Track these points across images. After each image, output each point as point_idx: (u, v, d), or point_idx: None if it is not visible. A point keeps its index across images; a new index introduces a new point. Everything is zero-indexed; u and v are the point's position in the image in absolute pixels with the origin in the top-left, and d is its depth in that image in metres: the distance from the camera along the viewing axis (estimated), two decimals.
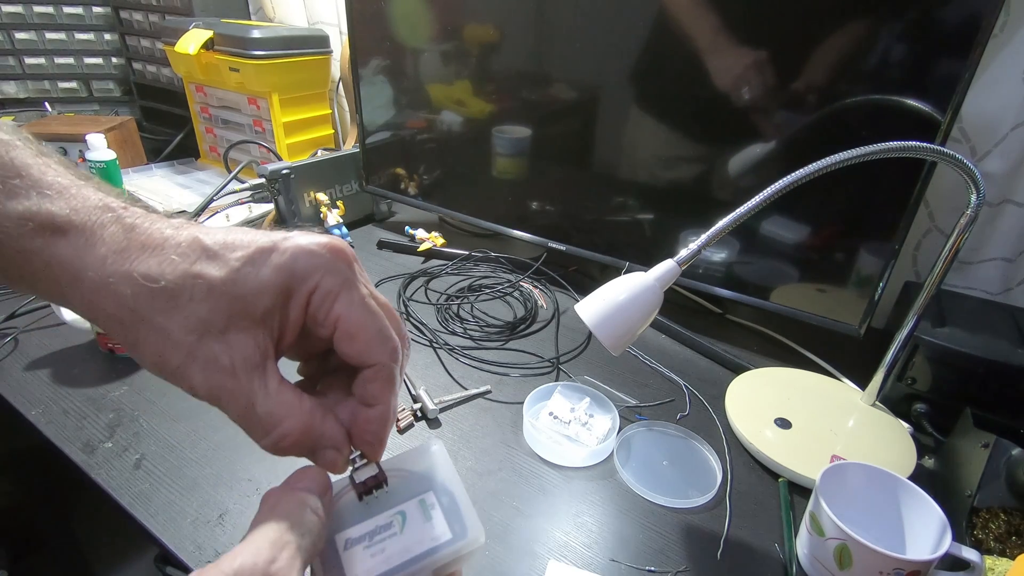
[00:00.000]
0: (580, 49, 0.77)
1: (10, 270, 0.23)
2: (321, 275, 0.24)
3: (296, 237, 0.24)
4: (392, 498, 0.28)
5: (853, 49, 0.60)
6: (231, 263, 0.23)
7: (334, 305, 0.24)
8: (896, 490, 0.50)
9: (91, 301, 0.23)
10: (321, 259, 0.24)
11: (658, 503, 0.55)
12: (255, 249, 0.24)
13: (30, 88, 1.36)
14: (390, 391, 0.26)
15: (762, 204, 0.47)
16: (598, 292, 0.49)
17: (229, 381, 0.23)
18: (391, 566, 0.25)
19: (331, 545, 0.26)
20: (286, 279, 0.24)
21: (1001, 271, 0.79)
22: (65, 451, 0.56)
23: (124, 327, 0.23)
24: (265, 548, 0.21)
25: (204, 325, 0.23)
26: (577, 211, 0.87)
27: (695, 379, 0.73)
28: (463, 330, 0.79)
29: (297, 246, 0.24)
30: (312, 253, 0.24)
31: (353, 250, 0.26)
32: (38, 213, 0.22)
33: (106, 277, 0.22)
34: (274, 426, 0.24)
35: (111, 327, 0.23)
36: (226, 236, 0.24)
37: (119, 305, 0.22)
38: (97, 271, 0.22)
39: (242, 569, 0.20)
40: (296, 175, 0.95)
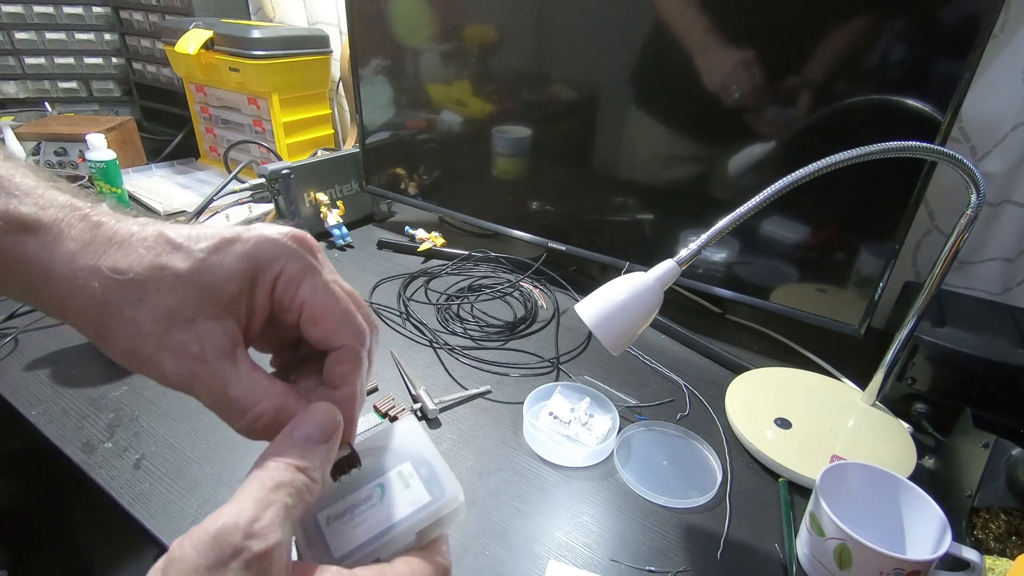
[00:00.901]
0: (580, 49, 0.77)
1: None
2: (284, 261, 0.25)
3: (259, 227, 0.25)
4: (370, 474, 0.28)
5: (853, 49, 0.60)
6: (196, 254, 0.24)
7: (298, 289, 0.25)
8: (896, 490, 0.50)
9: (60, 297, 0.23)
10: (284, 246, 0.25)
11: (658, 503, 0.55)
12: (219, 239, 0.24)
13: (30, 88, 1.36)
14: (356, 372, 0.26)
15: (762, 204, 0.47)
16: (598, 292, 0.49)
17: (200, 368, 0.23)
18: (373, 533, 0.26)
19: (312, 523, 0.26)
20: (251, 266, 0.24)
21: (1001, 271, 0.79)
22: (65, 451, 0.56)
23: (93, 320, 0.23)
24: (248, 507, 0.21)
25: (172, 314, 0.23)
26: (577, 211, 0.87)
27: (695, 379, 0.73)
28: (463, 330, 0.79)
29: (260, 235, 0.25)
30: (274, 241, 0.25)
31: (316, 241, 0.27)
32: (6, 212, 0.23)
33: (75, 271, 0.23)
34: (248, 408, 0.24)
35: (80, 321, 0.24)
36: (191, 230, 0.25)
37: (88, 299, 0.23)
38: (66, 266, 0.23)
39: (224, 528, 0.20)
40: (296, 175, 0.95)
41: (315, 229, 1.01)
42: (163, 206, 1.08)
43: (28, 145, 1.14)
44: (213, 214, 0.95)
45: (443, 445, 0.60)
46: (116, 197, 1.03)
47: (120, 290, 0.23)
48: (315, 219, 1.01)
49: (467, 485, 0.55)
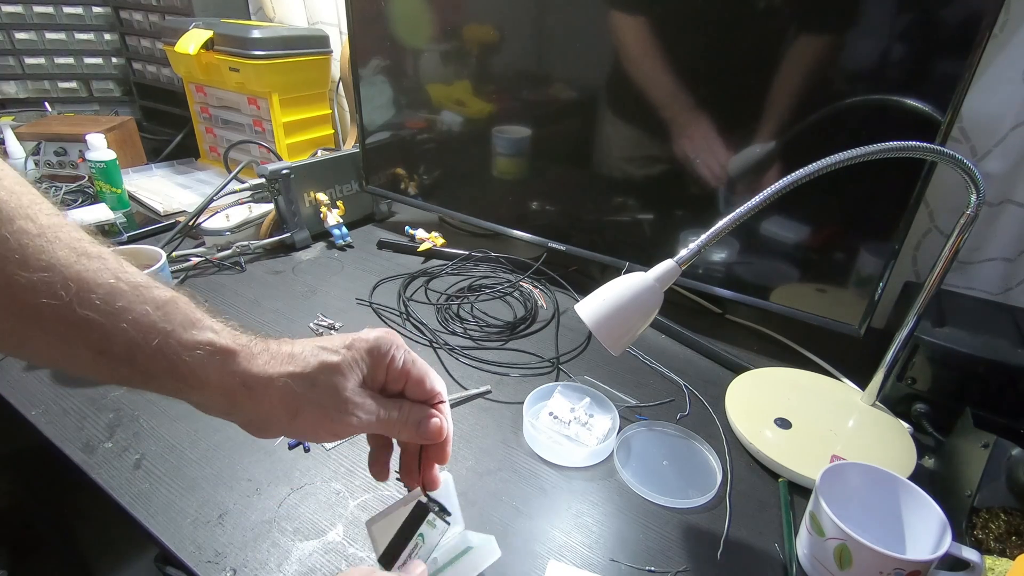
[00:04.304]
0: (580, 49, 0.77)
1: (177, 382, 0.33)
2: (393, 348, 0.39)
3: (364, 332, 0.39)
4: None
5: (853, 49, 0.60)
6: (340, 351, 0.37)
7: (403, 364, 0.39)
8: (896, 490, 0.50)
9: (259, 397, 0.35)
10: (391, 338, 0.39)
11: (658, 503, 0.54)
12: (352, 339, 0.38)
13: (30, 88, 1.36)
14: (446, 412, 0.41)
15: (762, 204, 0.47)
16: (598, 292, 0.49)
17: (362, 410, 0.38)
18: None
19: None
20: (375, 350, 0.38)
21: (1001, 271, 0.79)
22: (65, 451, 0.55)
23: (287, 409, 0.35)
24: None
25: (339, 389, 0.37)
26: (577, 211, 0.87)
27: (695, 379, 0.73)
28: (463, 330, 0.79)
29: (377, 334, 0.39)
30: (384, 336, 0.39)
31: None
32: (214, 342, 0.34)
33: (269, 378, 0.35)
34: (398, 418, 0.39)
35: (274, 411, 0.35)
36: (325, 341, 0.38)
37: (284, 394, 0.35)
38: (262, 373, 0.35)
39: None
40: (296, 175, 0.95)
41: (315, 229, 1.01)
42: (163, 206, 1.08)
43: (28, 145, 1.14)
44: (213, 214, 0.95)
45: None
46: (116, 197, 1.03)
47: (303, 382, 0.35)
48: (315, 219, 1.01)
49: (467, 485, 0.55)
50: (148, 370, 0.33)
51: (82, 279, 0.31)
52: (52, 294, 0.30)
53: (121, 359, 0.32)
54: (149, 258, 0.69)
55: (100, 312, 0.31)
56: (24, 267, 0.29)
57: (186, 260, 0.88)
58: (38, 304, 0.30)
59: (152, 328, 0.32)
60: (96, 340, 0.31)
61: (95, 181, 1.02)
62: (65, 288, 0.30)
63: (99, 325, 0.31)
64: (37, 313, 0.30)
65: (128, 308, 0.32)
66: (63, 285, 0.30)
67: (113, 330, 0.31)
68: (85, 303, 0.31)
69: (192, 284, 0.86)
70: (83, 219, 0.96)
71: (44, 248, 0.30)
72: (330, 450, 0.58)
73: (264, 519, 0.50)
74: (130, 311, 0.32)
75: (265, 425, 0.36)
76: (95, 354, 0.32)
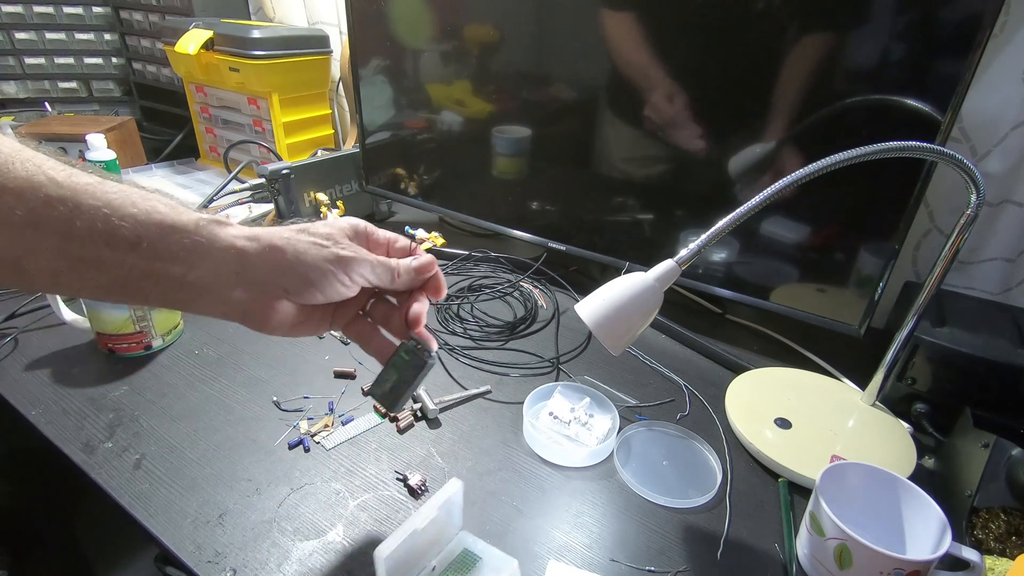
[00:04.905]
0: (580, 49, 0.77)
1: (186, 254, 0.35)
2: (366, 223, 0.45)
3: (334, 220, 0.43)
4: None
5: (853, 49, 0.60)
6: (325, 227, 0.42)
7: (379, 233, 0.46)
8: (896, 490, 0.50)
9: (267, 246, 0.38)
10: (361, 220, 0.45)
11: (658, 503, 0.55)
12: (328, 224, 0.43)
13: (30, 88, 1.36)
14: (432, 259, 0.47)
15: (762, 204, 0.47)
16: (598, 292, 0.49)
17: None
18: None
19: None
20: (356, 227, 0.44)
21: (1001, 271, 0.79)
22: (65, 451, 0.55)
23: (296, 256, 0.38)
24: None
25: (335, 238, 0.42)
26: (577, 211, 0.87)
27: (695, 379, 0.73)
28: (463, 330, 0.79)
29: (347, 219, 0.44)
30: (354, 219, 0.44)
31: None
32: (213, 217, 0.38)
33: (272, 230, 0.39)
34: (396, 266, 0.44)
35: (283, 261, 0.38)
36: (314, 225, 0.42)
37: (288, 241, 0.39)
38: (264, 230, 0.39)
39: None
40: (296, 175, 0.95)
41: None
42: None
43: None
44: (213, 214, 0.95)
45: (443, 445, 0.60)
46: None
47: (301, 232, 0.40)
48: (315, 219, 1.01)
49: (467, 485, 0.55)
50: (157, 251, 0.34)
51: (76, 177, 0.33)
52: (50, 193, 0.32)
53: (128, 245, 0.34)
54: None
55: (100, 200, 0.33)
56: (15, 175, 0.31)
57: None
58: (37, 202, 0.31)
59: (155, 211, 0.34)
60: (102, 229, 0.33)
61: None
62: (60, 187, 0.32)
63: (103, 214, 0.33)
64: (37, 216, 0.32)
65: (122, 196, 0.34)
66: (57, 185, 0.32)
67: (122, 214, 0.33)
68: (84, 193, 0.33)
69: None
70: None
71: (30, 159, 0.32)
72: (330, 450, 0.58)
73: (264, 519, 0.50)
74: (127, 197, 0.34)
75: (274, 284, 0.38)
76: (102, 245, 0.33)
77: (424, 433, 0.61)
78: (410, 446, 0.59)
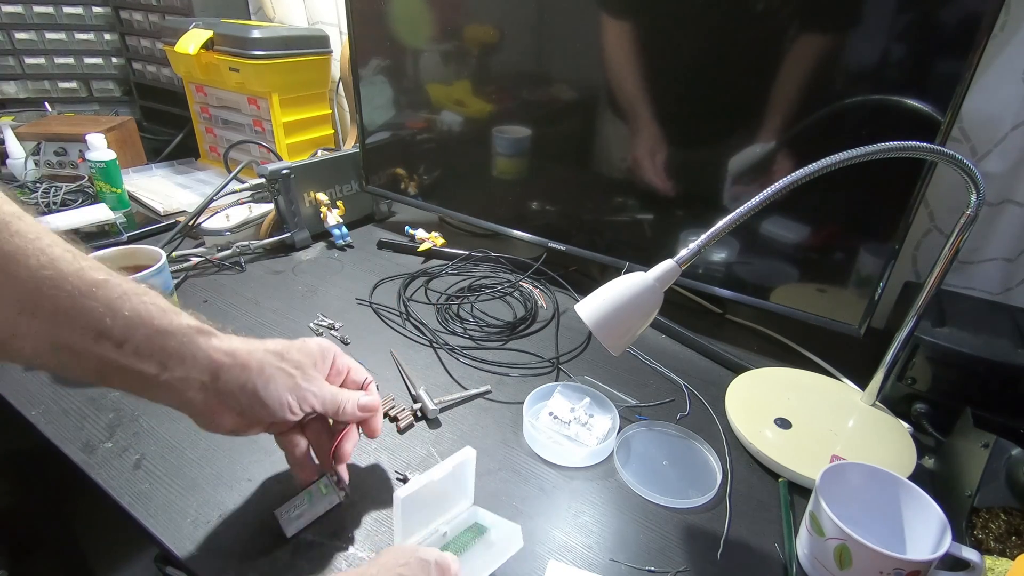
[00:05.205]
0: (580, 49, 0.77)
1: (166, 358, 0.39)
2: (334, 348, 0.49)
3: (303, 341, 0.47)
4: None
5: (853, 49, 0.60)
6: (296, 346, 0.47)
7: (341, 362, 0.50)
8: (896, 490, 0.50)
9: (241, 363, 0.41)
10: (329, 343, 0.49)
11: (658, 503, 0.54)
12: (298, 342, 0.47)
13: (30, 88, 1.36)
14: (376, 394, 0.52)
15: (762, 204, 0.47)
16: (598, 292, 0.49)
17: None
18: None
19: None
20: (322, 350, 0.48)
21: (1001, 271, 0.79)
22: (65, 451, 0.55)
23: (261, 375, 0.42)
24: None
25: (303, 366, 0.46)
26: (577, 211, 0.87)
27: (695, 379, 0.73)
28: (463, 330, 0.79)
29: (316, 341, 0.48)
30: (323, 340, 0.49)
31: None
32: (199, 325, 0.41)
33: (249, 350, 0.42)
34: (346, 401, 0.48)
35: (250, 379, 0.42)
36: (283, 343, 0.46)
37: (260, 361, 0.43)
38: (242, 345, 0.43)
39: None
40: (296, 175, 0.95)
41: (315, 229, 1.01)
42: (163, 206, 1.08)
43: (28, 145, 1.14)
44: (213, 214, 0.95)
45: (443, 445, 0.60)
46: (116, 197, 1.03)
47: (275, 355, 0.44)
48: (315, 219, 1.01)
49: None
50: (139, 350, 0.37)
51: (83, 274, 0.35)
52: (55, 287, 0.34)
53: (113, 344, 0.36)
54: (149, 258, 0.69)
55: (100, 300, 0.36)
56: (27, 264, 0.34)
57: (186, 260, 0.88)
58: (40, 294, 0.34)
59: (147, 314, 0.38)
60: (94, 328, 0.35)
61: (95, 181, 1.02)
62: (66, 282, 0.35)
63: (99, 312, 0.35)
64: (36, 305, 0.34)
65: (124, 298, 0.37)
66: (63, 279, 0.35)
67: (115, 316, 0.36)
68: (86, 294, 0.35)
69: (192, 284, 0.86)
70: (83, 219, 0.96)
71: (44, 250, 0.34)
72: None
73: (264, 519, 0.50)
74: (127, 300, 0.37)
75: (232, 398, 0.41)
76: (90, 340, 0.36)
77: (424, 433, 0.61)
78: (410, 446, 0.59)
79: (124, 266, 0.68)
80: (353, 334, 0.77)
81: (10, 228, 0.33)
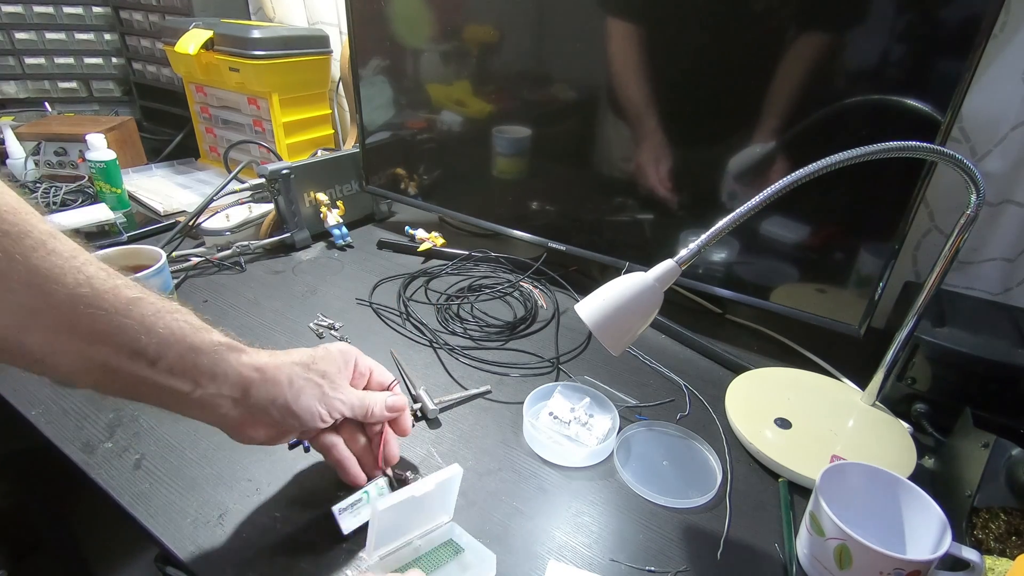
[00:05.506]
0: (580, 49, 0.77)
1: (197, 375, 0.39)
2: (356, 352, 0.51)
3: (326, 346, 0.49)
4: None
5: (854, 49, 0.60)
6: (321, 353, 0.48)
7: (364, 364, 0.51)
8: (896, 490, 0.50)
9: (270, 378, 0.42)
10: (350, 347, 0.51)
11: (658, 503, 0.54)
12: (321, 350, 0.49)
13: (30, 88, 1.36)
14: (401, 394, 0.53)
15: (762, 204, 0.47)
16: (598, 292, 0.49)
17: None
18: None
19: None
20: (344, 354, 0.50)
21: (1001, 271, 0.79)
22: (65, 451, 0.55)
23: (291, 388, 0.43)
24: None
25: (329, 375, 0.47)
26: (577, 211, 0.87)
27: (695, 379, 0.73)
28: (463, 330, 0.79)
29: (338, 345, 0.50)
30: (344, 345, 0.50)
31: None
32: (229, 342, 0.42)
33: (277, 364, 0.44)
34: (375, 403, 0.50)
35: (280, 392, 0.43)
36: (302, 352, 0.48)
37: (289, 374, 0.44)
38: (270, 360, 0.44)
39: None
40: (296, 175, 0.95)
41: (315, 229, 1.01)
42: (163, 206, 1.08)
43: (28, 145, 1.14)
44: (213, 214, 0.95)
45: (443, 445, 0.60)
46: (116, 197, 1.03)
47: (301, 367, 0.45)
48: (315, 219, 1.01)
49: (467, 485, 0.55)
50: (172, 368, 0.38)
51: (118, 292, 0.36)
52: (92, 305, 0.34)
53: (147, 362, 0.37)
54: (149, 258, 0.69)
55: (135, 318, 0.36)
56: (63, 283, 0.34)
57: (186, 260, 0.88)
58: (77, 313, 0.34)
59: (180, 331, 0.38)
60: (130, 346, 0.36)
61: (95, 181, 1.02)
62: (102, 300, 0.35)
63: (134, 330, 0.36)
64: (73, 324, 0.34)
65: (157, 315, 0.37)
66: (100, 297, 0.35)
67: (150, 333, 0.37)
68: (122, 312, 0.36)
69: (192, 284, 0.86)
70: (83, 219, 0.96)
71: (80, 268, 0.35)
72: None
73: (264, 519, 0.50)
74: (161, 318, 0.37)
75: (264, 412, 0.42)
76: (124, 358, 0.36)
77: (424, 433, 0.61)
78: (410, 446, 0.59)
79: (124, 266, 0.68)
80: (353, 334, 0.77)
81: (47, 247, 0.33)
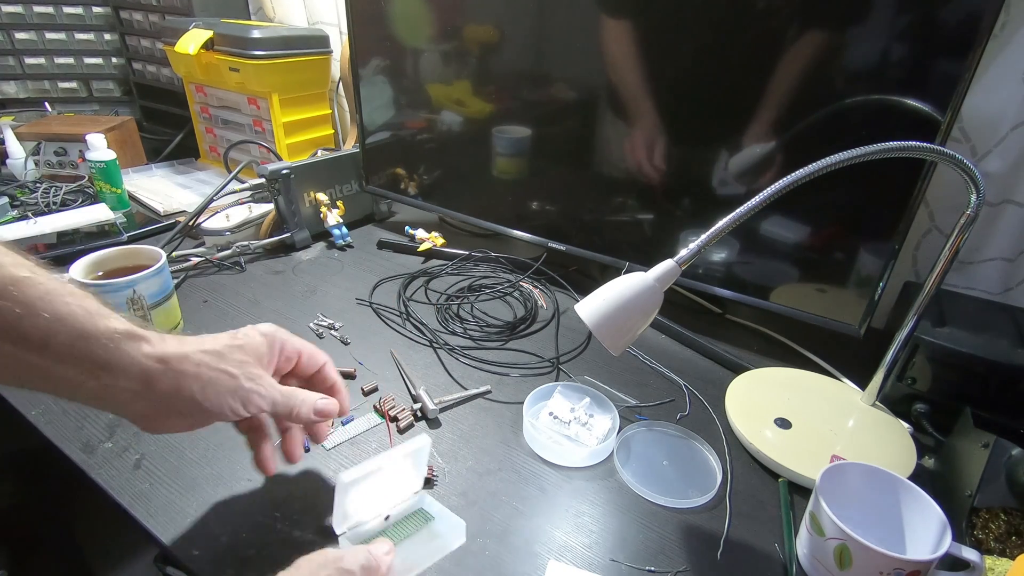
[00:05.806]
0: (580, 49, 0.77)
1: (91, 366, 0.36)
2: (282, 332, 0.47)
3: (251, 327, 0.46)
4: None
5: (854, 49, 0.60)
6: (239, 337, 0.44)
7: (291, 345, 0.47)
8: (896, 490, 0.50)
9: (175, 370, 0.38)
10: (277, 328, 0.47)
11: (658, 503, 0.55)
12: (242, 331, 0.45)
13: (30, 88, 1.36)
14: (336, 373, 0.51)
15: (762, 204, 0.47)
16: (598, 292, 0.49)
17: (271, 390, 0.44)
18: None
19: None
20: (269, 336, 0.46)
21: (1001, 271, 0.79)
22: (65, 451, 0.55)
23: (198, 380, 0.39)
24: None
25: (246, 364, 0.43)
26: (577, 211, 0.87)
27: (695, 379, 0.73)
28: (463, 330, 0.79)
29: (264, 326, 0.46)
30: (270, 326, 0.47)
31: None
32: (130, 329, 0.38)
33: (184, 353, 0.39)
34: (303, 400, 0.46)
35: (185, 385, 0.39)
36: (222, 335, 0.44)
37: (196, 365, 0.39)
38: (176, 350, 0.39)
39: None
40: (296, 175, 0.95)
41: (315, 229, 1.01)
42: (163, 206, 1.08)
43: (28, 145, 1.14)
44: (213, 214, 0.95)
45: (443, 445, 0.60)
46: (116, 197, 1.03)
47: (214, 356, 0.41)
48: (315, 219, 1.01)
49: (467, 485, 0.55)
50: (61, 356, 0.35)
51: (2, 270, 0.33)
52: None
53: (33, 347, 0.34)
54: (149, 258, 0.69)
55: (15, 300, 0.33)
56: None
57: (186, 260, 0.88)
58: None
59: (71, 316, 0.35)
60: (10, 328, 0.33)
61: (95, 181, 1.02)
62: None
63: (16, 314, 0.33)
64: None
65: (45, 298, 0.34)
66: None
67: (35, 317, 0.34)
68: (5, 293, 0.33)
69: (192, 284, 0.86)
70: (83, 219, 0.96)
71: None
72: (330, 450, 0.58)
73: (264, 519, 0.50)
74: (48, 301, 0.34)
75: (170, 405, 0.39)
76: (6, 342, 0.33)
77: (424, 433, 0.61)
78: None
79: (124, 266, 0.69)
80: (353, 334, 0.77)
81: None
